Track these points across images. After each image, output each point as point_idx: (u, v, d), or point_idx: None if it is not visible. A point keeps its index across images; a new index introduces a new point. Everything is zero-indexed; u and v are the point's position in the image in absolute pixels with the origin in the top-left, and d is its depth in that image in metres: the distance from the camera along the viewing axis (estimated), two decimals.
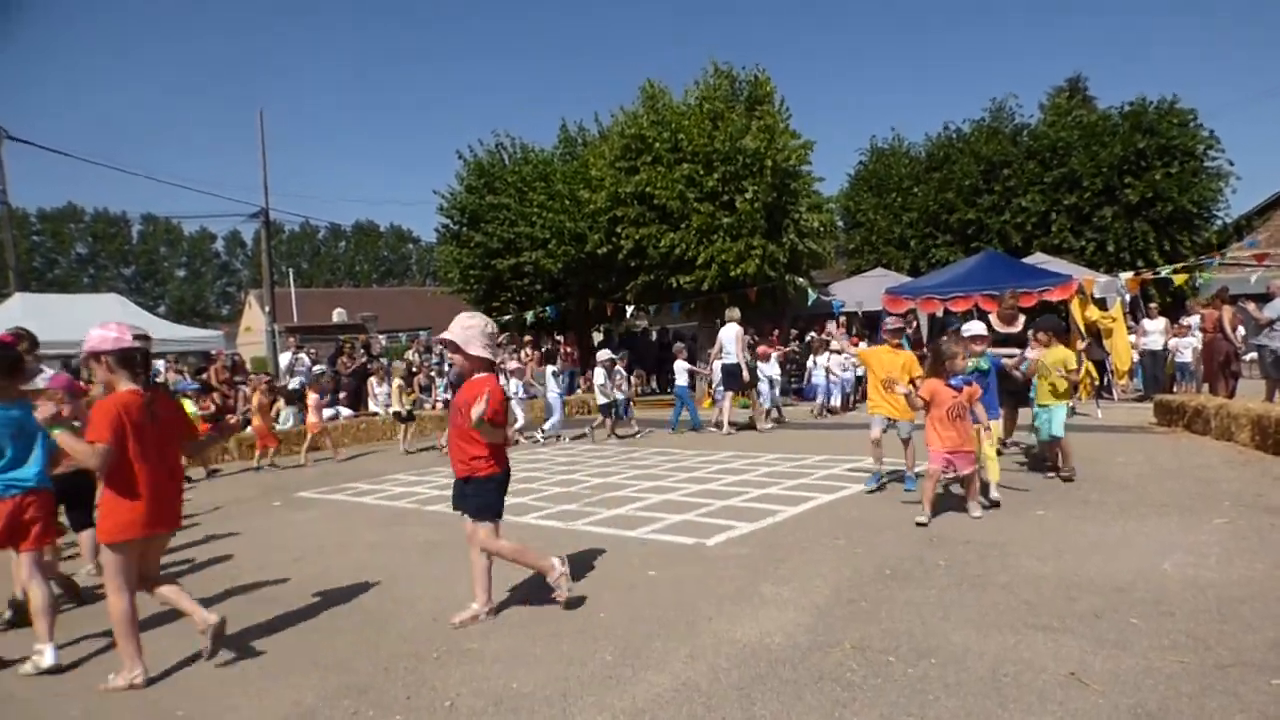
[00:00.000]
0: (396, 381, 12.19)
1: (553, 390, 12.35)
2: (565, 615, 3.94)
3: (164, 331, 18.32)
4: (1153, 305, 13.91)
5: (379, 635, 3.81)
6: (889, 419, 6.77)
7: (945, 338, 6.26)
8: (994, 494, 5.91)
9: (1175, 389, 13.13)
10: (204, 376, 13.39)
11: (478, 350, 3.92)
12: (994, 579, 4.10)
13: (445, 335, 3.99)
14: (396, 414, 11.93)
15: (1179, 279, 13.11)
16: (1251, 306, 10.68)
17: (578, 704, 2.92)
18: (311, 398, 11.62)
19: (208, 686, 3.31)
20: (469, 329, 3.93)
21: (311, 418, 11.44)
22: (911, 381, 6.23)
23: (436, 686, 3.16)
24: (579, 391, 17.23)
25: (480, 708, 2.95)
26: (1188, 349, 13.29)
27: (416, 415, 12.59)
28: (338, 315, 35.92)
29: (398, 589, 4.58)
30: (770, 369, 12.59)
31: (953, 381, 5.71)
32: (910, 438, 6.72)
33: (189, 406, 9.80)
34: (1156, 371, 13.41)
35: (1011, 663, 3.05)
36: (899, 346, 6.97)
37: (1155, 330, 13.36)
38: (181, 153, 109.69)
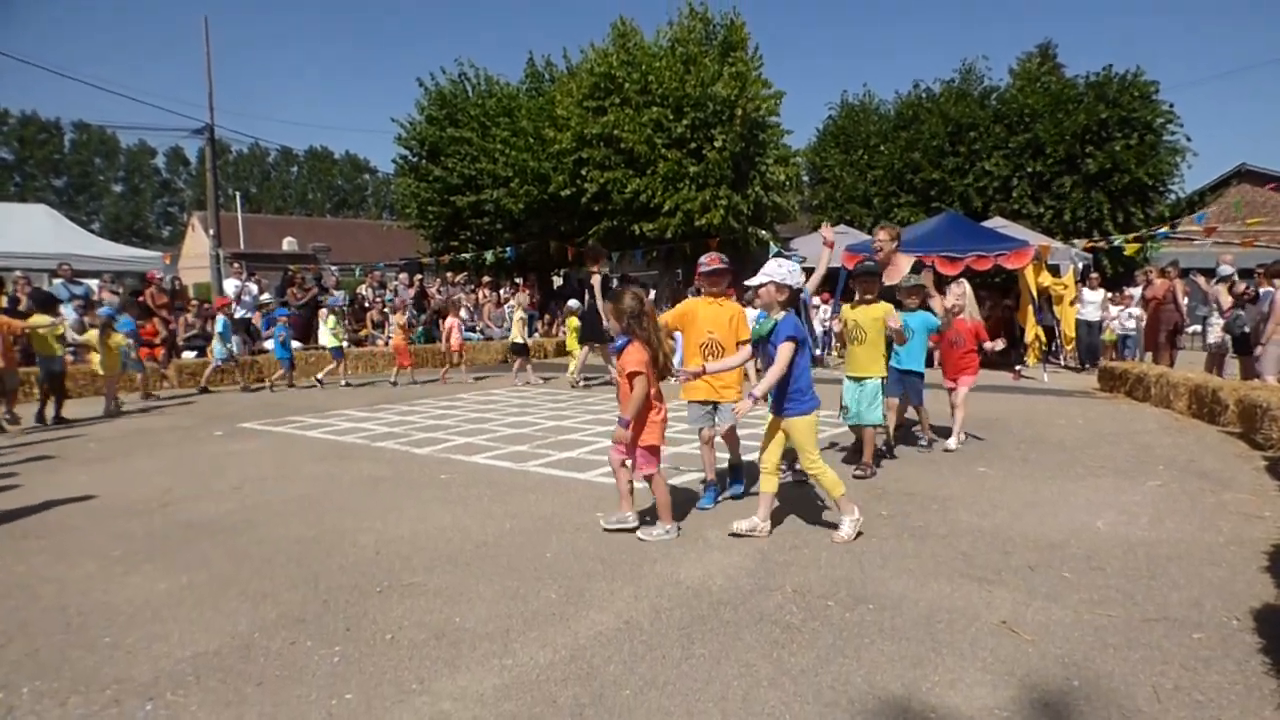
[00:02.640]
0: (330, 319, 12.25)
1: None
2: (511, 553, 3.92)
3: (99, 250, 17.56)
4: (1093, 275, 13.93)
5: (319, 568, 3.74)
6: (712, 403, 4.69)
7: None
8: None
9: (1113, 360, 13.35)
10: (140, 300, 12.86)
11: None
12: (933, 531, 4.19)
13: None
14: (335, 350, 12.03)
15: (1130, 249, 13.39)
16: (1201, 280, 10.97)
17: (520, 639, 2.91)
18: (450, 320, 12.62)
19: (137, 612, 3.22)
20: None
21: (455, 338, 12.37)
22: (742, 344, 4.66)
23: (377, 619, 3.12)
24: (537, 335, 17.06)
25: (421, 640, 2.92)
26: (1129, 319, 13.45)
27: (346, 352, 12.53)
28: (288, 244, 34.88)
29: (341, 522, 4.50)
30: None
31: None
32: (733, 427, 4.82)
33: (118, 337, 9.41)
34: (1093, 341, 13.51)
35: (946, 611, 3.12)
36: (722, 296, 4.82)
37: (1093, 301, 13.39)
38: (118, 56, 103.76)
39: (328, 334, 12.30)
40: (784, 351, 3.92)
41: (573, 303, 12.25)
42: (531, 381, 11.80)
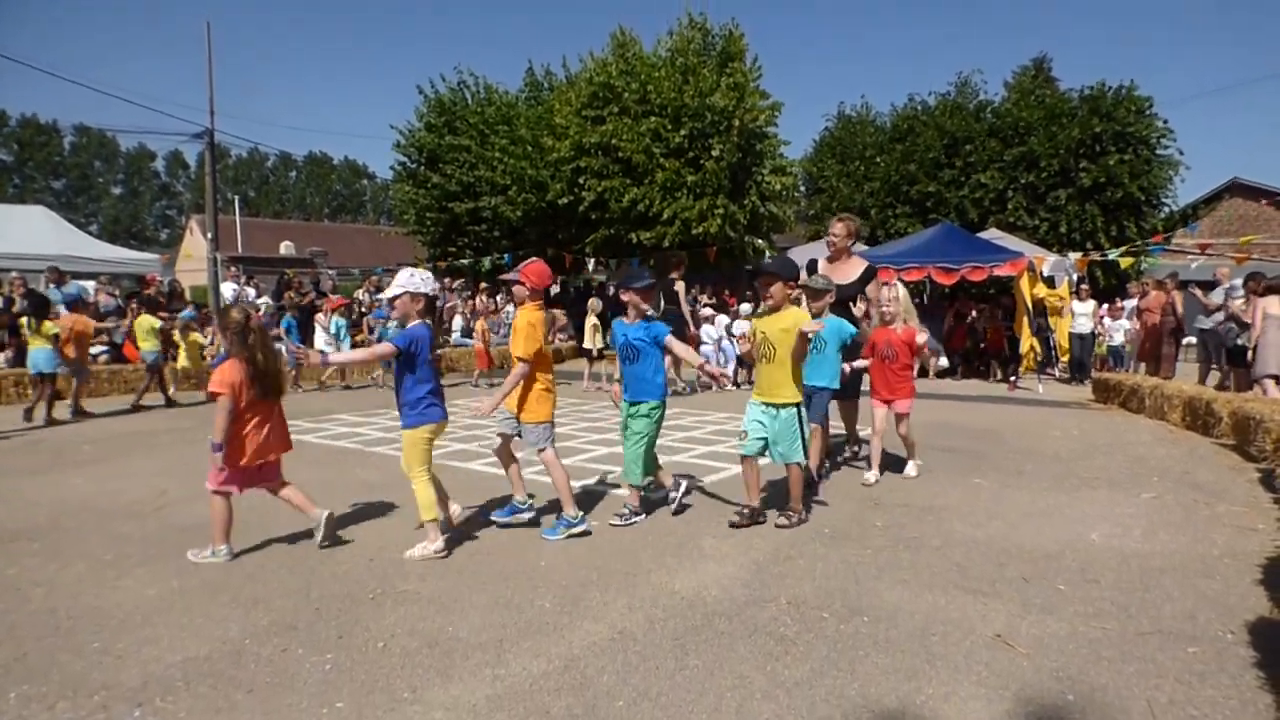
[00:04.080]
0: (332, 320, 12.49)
1: None
2: (506, 561, 3.90)
3: (97, 251, 17.52)
4: (1084, 287, 13.71)
5: (312, 574, 3.72)
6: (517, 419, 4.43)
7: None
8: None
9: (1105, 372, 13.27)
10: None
11: None
12: (928, 542, 4.18)
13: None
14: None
15: (1125, 262, 13.45)
16: (1199, 293, 10.98)
17: (513, 649, 2.90)
18: (480, 325, 12.76)
19: (127, 616, 3.20)
20: None
21: (478, 344, 12.55)
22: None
23: (370, 627, 3.10)
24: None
25: (414, 649, 2.90)
26: (1119, 331, 13.35)
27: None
28: (285, 248, 34.83)
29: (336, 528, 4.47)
30: (714, 330, 12.82)
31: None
32: (546, 448, 4.42)
33: (195, 336, 10.19)
34: (1083, 355, 13.19)
35: (941, 623, 3.11)
36: (534, 306, 4.37)
37: (1084, 313, 13.11)
38: (119, 61, 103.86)
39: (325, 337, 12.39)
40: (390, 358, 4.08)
41: (594, 302, 12.21)
42: (602, 386, 11.65)
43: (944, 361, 13.88)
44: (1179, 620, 3.12)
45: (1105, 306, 14.75)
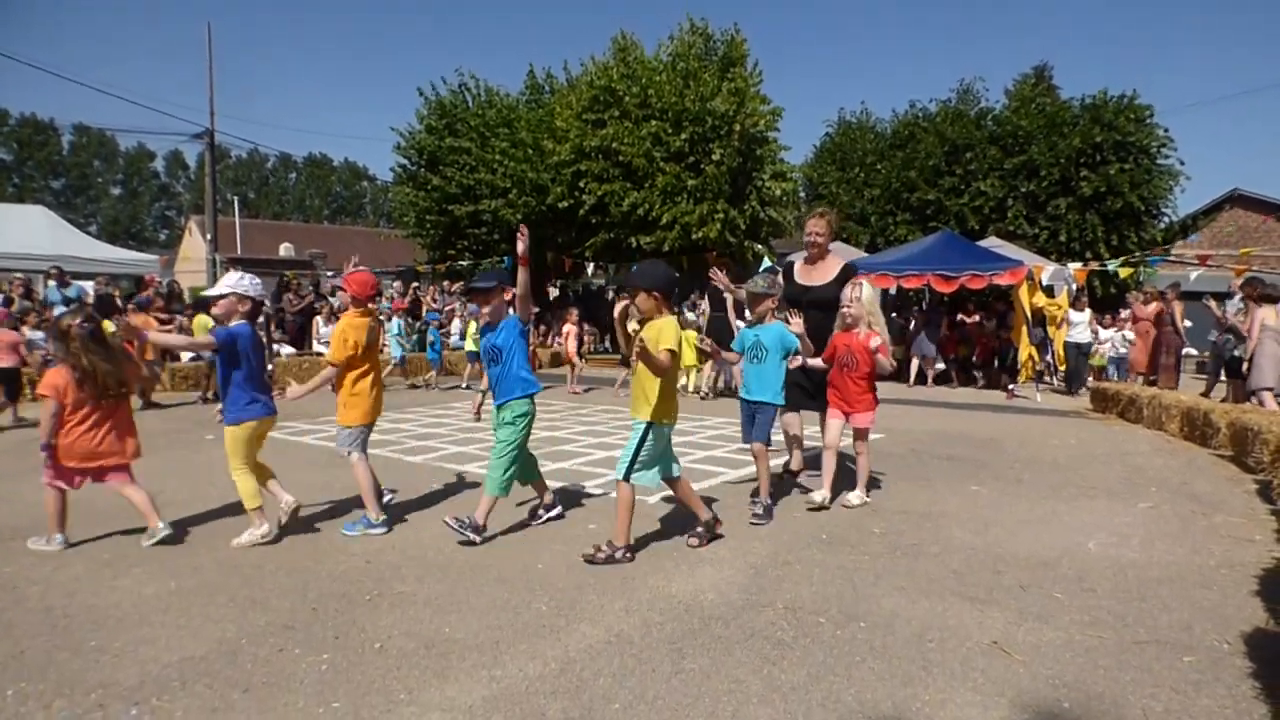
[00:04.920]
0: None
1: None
2: (503, 564, 3.90)
3: (96, 252, 17.52)
4: (1081, 298, 13.36)
5: (309, 575, 3.72)
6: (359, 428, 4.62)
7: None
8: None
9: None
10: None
11: None
12: (926, 549, 4.18)
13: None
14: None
15: (1124, 272, 13.46)
16: (1212, 304, 10.95)
17: (509, 651, 2.90)
18: (568, 327, 12.61)
19: (124, 616, 3.19)
20: None
21: (571, 345, 12.43)
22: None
23: (367, 628, 3.10)
24: (532, 347, 17.08)
25: (410, 650, 2.90)
26: (1116, 342, 13.08)
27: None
28: (285, 250, 34.87)
29: (331, 530, 4.48)
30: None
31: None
32: (353, 452, 4.54)
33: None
34: (1079, 364, 12.94)
35: (938, 629, 3.12)
36: (364, 314, 4.63)
37: (1080, 322, 12.78)
38: (119, 61, 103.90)
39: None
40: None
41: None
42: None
43: (939, 365, 13.88)
44: (1175, 630, 3.12)
45: (1108, 317, 14.71)
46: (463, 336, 16.18)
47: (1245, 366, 9.18)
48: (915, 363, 13.68)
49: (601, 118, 16.46)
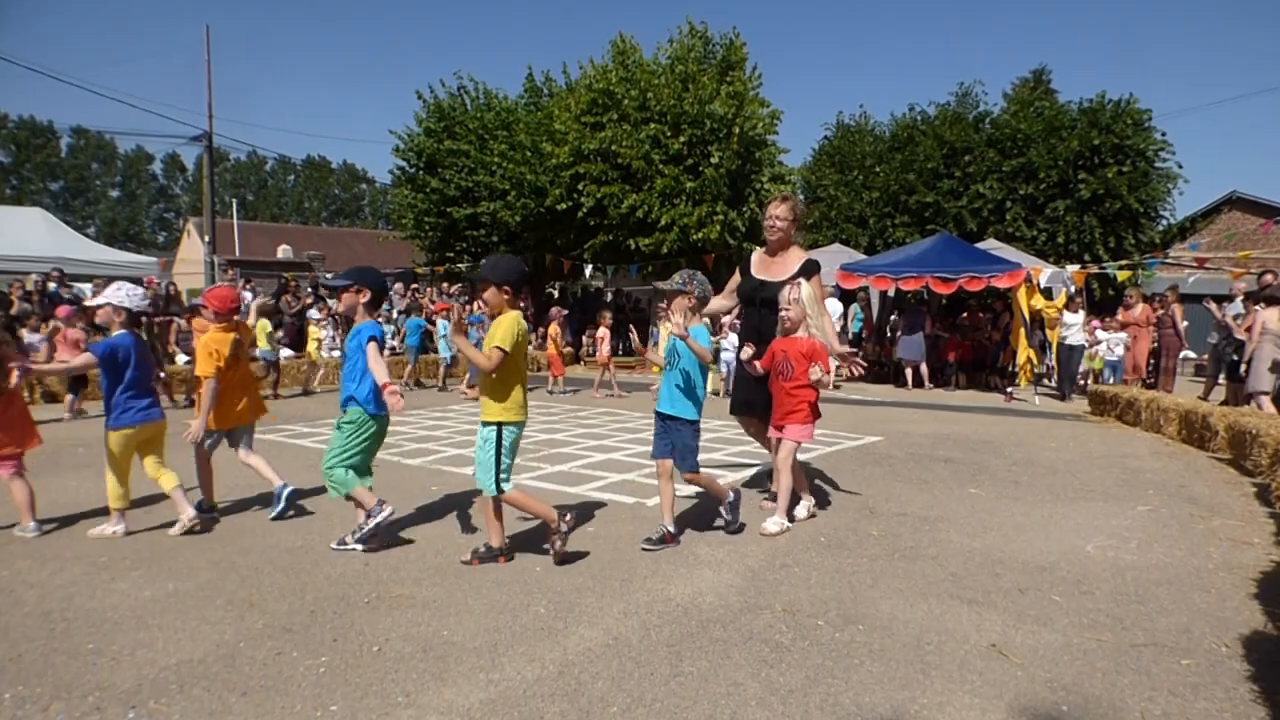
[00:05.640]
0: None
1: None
2: (501, 567, 3.90)
3: (94, 254, 17.52)
4: (1077, 299, 12.84)
5: (307, 577, 3.71)
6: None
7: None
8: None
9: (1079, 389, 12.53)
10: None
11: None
12: (924, 551, 4.18)
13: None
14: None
15: (1122, 275, 13.46)
16: (1213, 306, 10.94)
17: (508, 654, 2.89)
18: (603, 331, 12.59)
19: (121, 619, 3.19)
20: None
21: (604, 349, 12.38)
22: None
23: (365, 631, 3.10)
24: (530, 349, 17.09)
25: (409, 653, 2.89)
26: (1118, 344, 12.67)
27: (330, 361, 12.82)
28: (283, 252, 34.83)
29: (329, 532, 4.47)
30: (732, 341, 12.91)
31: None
32: (210, 452, 4.81)
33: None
34: (1072, 367, 12.46)
35: (936, 632, 3.12)
36: (228, 328, 4.85)
37: (1074, 324, 12.29)
38: (117, 62, 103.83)
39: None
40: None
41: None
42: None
43: (923, 369, 13.77)
44: (1173, 633, 3.12)
45: (1107, 318, 14.62)
46: None
47: (1243, 369, 9.18)
48: (908, 370, 13.63)
49: (600, 120, 16.48)
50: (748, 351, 4.60)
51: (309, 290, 16.50)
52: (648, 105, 16.00)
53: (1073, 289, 12.75)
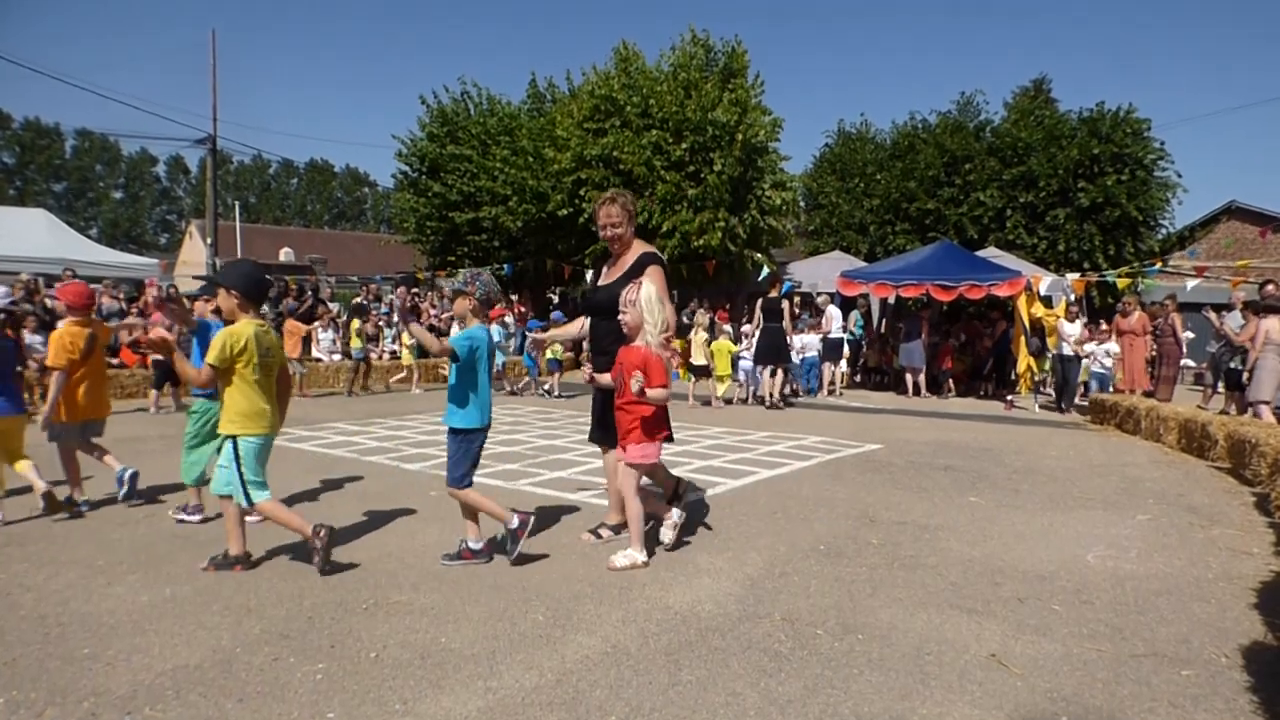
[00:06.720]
0: (354, 324, 13.10)
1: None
2: (499, 574, 3.89)
3: (97, 255, 17.53)
4: (1074, 308, 12.47)
5: (304, 583, 3.70)
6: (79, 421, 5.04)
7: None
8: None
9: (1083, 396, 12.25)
10: (135, 307, 12.93)
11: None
12: (923, 560, 4.17)
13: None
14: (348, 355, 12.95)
15: (1122, 283, 13.47)
16: (1213, 316, 10.93)
17: (505, 661, 2.88)
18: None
19: (118, 623, 3.18)
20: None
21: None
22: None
23: (362, 637, 3.09)
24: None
25: (406, 660, 2.88)
26: (1106, 355, 12.30)
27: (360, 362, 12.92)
28: (285, 255, 34.93)
29: None
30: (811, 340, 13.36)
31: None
32: (62, 450, 4.97)
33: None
34: (1068, 376, 12.01)
35: (935, 642, 3.11)
36: (83, 323, 5.03)
37: (1071, 333, 11.85)
38: (122, 65, 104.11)
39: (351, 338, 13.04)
40: None
41: (701, 315, 12.12)
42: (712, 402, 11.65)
43: (922, 376, 13.73)
44: (1173, 643, 3.12)
45: (1090, 327, 14.50)
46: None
47: (1245, 378, 9.16)
48: (909, 377, 13.60)
49: (602, 126, 16.51)
50: (586, 370, 4.28)
51: (311, 293, 16.51)
52: (650, 112, 16.04)
53: (1072, 297, 12.73)
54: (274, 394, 3.99)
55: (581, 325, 4.73)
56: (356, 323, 13.04)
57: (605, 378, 4.19)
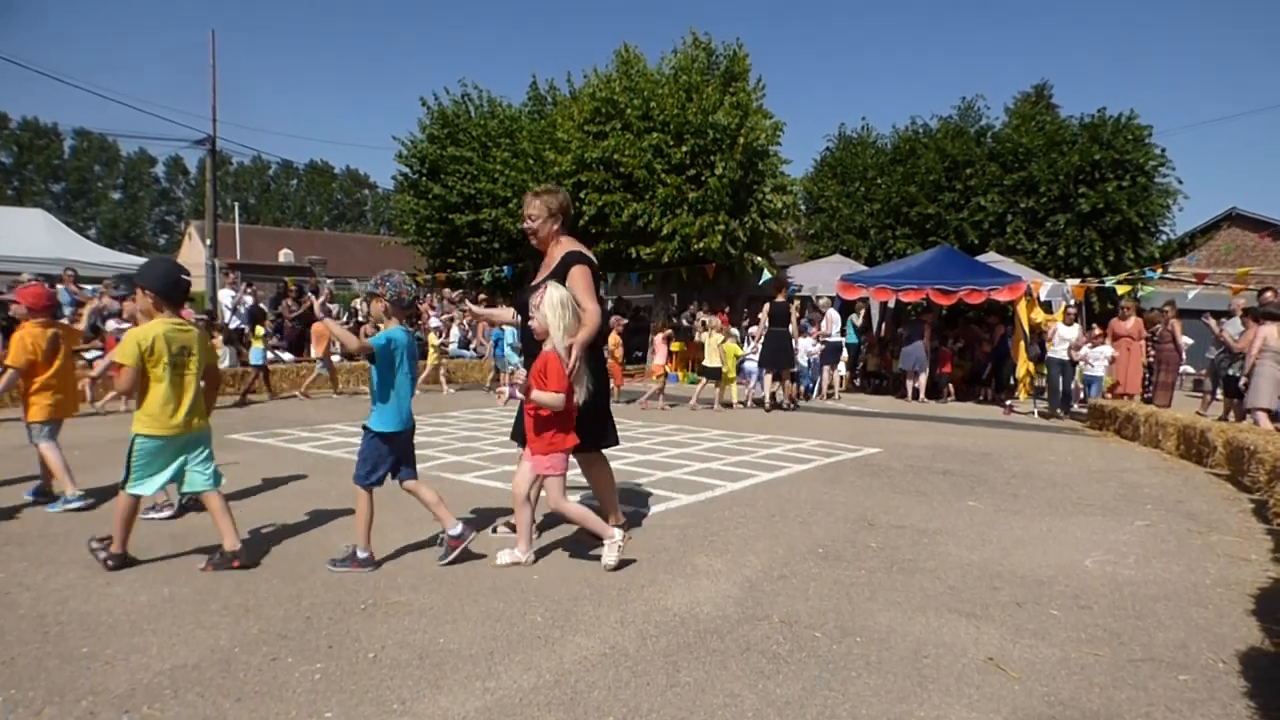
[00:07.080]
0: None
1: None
2: (498, 574, 3.89)
3: (95, 256, 17.54)
4: (1071, 310, 12.12)
5: (303, 583, 3.70)
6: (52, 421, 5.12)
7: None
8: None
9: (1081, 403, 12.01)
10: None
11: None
12: (922, 564, 4.18)
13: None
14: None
15: (1122, 289, 13.49)
16: (1213, 322, 10.92)
17: (504, 662, 2.89)
18: (659, 340, 12.51)
19: (116, 623, 3.18)
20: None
21: (659, 359, 12.29)
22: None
23: (361, 638, 3.09)
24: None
25: (405, 661, 2.89)
26: (1099, 359, 11.96)
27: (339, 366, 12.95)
28: (284, 256, 34.89)
29: (326, 538, 4.47)
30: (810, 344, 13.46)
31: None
32: (42, 442, 5.04)
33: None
34: (1064, 383, 11.81)
35: (933, 645, 3.11)
36: (45, 324, 5.11)
37: (1068, 338, 11.66)
38: (121, 65, 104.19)
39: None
40: None
41: (713, 319, 12.05)
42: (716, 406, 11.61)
43: (922, 379, 13.65)
44: (1171, 648, 3.12)
45: (1096, 328, 14.52)
46: (463, 345, 16.26)
47: (1244, 384, 9.18)
48: (909, 381, 13.61)
49: (603, 129, 16.51)
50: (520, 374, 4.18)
51: (310, 295, 16.53)
52: (651, 115, 16.04)
53: (1071, 302, 12.73)
54: (194, 393, 3.89)
55: (514, 312, 4.80)
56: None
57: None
